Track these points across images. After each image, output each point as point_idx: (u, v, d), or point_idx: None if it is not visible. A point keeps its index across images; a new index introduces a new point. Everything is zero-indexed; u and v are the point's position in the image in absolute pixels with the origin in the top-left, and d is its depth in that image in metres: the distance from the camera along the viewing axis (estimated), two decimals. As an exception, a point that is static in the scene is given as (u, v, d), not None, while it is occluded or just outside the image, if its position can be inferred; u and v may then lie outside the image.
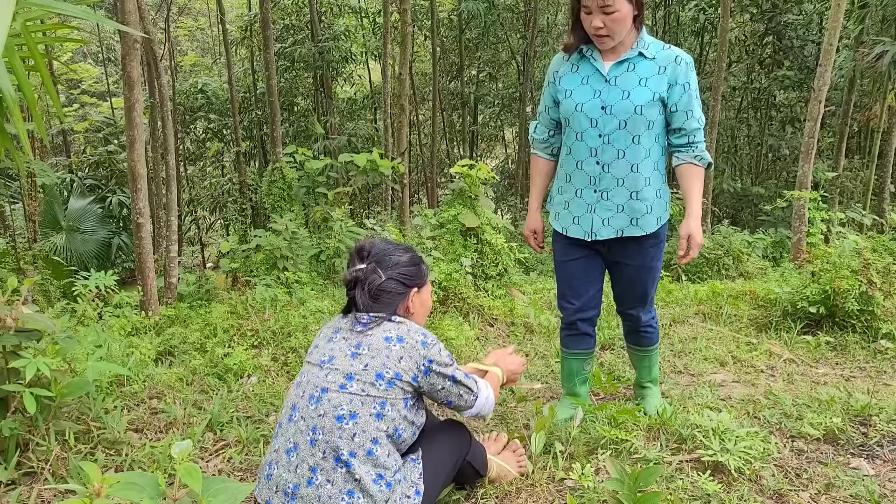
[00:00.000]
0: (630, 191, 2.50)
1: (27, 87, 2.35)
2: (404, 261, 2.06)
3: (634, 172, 2.48)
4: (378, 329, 1.96)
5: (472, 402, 2.08)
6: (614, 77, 2.45)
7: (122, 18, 4.71)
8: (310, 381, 1.93)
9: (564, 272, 2.73)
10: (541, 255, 9.64)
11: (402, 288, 2.03)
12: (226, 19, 14.73)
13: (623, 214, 2.52)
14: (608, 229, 2.55)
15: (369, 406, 1.85)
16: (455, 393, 2.03)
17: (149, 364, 3.48)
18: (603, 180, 2.51)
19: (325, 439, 1.82)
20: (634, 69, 2.44)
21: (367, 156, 6.24)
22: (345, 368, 1.90)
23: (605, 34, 2.37)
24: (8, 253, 8.11)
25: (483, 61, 18.74)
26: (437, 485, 2.01)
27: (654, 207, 2.54)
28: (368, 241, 2.10)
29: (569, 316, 2.76)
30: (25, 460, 2.33)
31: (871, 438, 2.63)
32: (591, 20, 2.37)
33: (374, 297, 1.99)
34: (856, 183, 13.06)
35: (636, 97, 2.42)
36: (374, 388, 1.87)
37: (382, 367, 1.89)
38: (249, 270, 5.67)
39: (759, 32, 14.72)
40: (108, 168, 15.01)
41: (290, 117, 16.52)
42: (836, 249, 4.48)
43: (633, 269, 2.63)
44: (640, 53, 2.44)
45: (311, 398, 1.89)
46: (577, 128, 2.52)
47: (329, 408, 1.85)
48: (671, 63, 2.43)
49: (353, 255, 2.07)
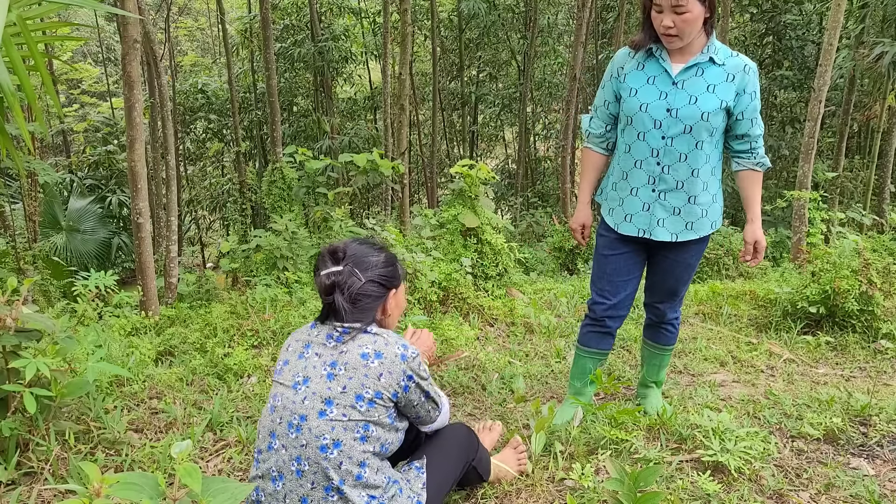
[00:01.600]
0: (688, 195, 2.49)
1: (28, 85, 2.35)
2: (381, 261, 1.93)
3: (694, 177, 2.46)
4: (353, 344, 1.84)
5: (436, 416, 2.02)
6: (682, 81, 2.41)
7: (122, 18, 4.71)
8: (286, 407, 1.82)
9: (607, 266, 2.69)
10: (541, 255, 9.65)
11: (381, 290, 1.92)
12: (226, 19, 14.73)
13: (679, 218, 2.52)
14: (664, 231, 2.54)
15: (352, 431, 1.78)
16: (425, 408, 1.96)
17: (149, 364, 3.48)
18: (662, 181, 2.49)
19: (312, 470, 1.76)
20: (703, 74, 2.41)
21: (367, 156, 6.24)
22: (322, 392, 1.79)
23: (675, 34, 2.33)
24: (8, 253, 8.11)
25: (483, 61, 18.74)
26: (443, 492, 1.99)
27: (710, 212, 2.54)
28: (341, 242, 1.96)
29: (601, 311, 2.72)
30: (25, 460, 2.33)
31: (871, 438, 2.63)
32: (661, 19, 2.32)
33: (354, 301, 1.86)
34: (856, 183, 13.05)
35: (704, 103, 2.39)
36: (355, 411, 1.78)
37: (362, 388, 1.79)
38: (249, 270, 5.68)
39: (758, 32, 14.72)
40: (107, 168, 15.01)
41: (290, 117, 16.53)
42: (836, 249, 4.48)
43: (670, 262, 2.64)
44: (710, 59, 2.41)
45: (290, 426, 1.80)
46: (639, 127, 2.48)
47: (311, 437, 1.77)
48: (740, 72, 2.40)
49: (324, 256, 1.91)
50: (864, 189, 11.86)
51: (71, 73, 18.05)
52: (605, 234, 2.70)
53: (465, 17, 15.83)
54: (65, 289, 8.05)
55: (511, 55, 18.22)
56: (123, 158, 14.24)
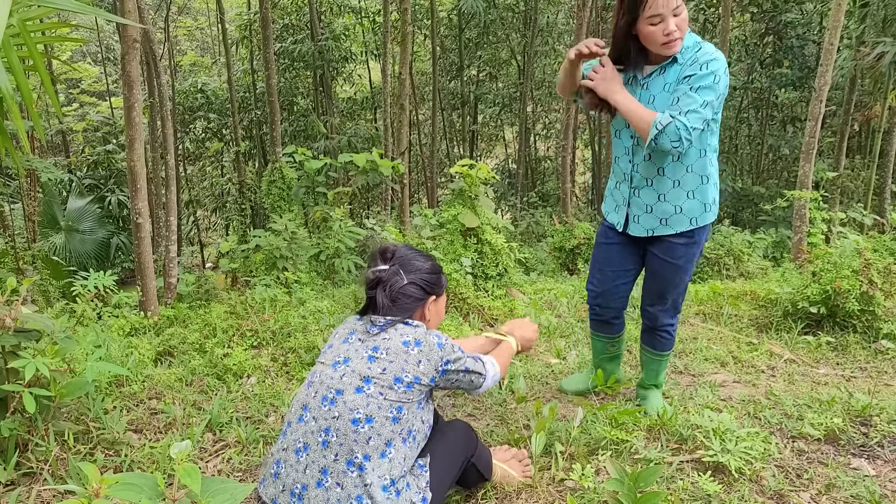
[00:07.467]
0: (657, 192, 2.52)
1: (26, 86, 2.34)
2: (427, 267, 2.08)
3: (661, 175, 2.50)
4: (394, 332, 1.96)
5: (481, 382, 2.13)
6: (647, 82, 2.45)
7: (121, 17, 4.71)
8: (322, 382, 1.92)
9: (598, 255, 2.80)
10: (541, 255, 9.63)
11: (421, 293, 2.05)
12: (225, 18, 14.72)
13: (652, 215, 2.57)
14: (639, 227, 2.62)
15: (386, 410, 1.85)
16: (466, 381, 2.08)
17: (148, 364, 3.47)
18: (634, 179, 2.57)
19: (339, 441, 1.81)
20: (664, 73, 2.42)
21: (367, 156, 6.24)
22: (361, 371, 1.89)
23: (679, 36, 2.32)
24: (7, 253, 8.10)
25: (483, 61, 18.74)
26: (444, 488, 2.00)
27: (686, 209, 2.52)
28: (392, 244, 2.11)
29: (590, 298, 2.88)
30: (25, 461, 2.32)
31: (871, 439, 2.62)
32: (663, 28, 2.29)
33: (394, 299, 2.00)
34: (856, 183, 13.05)
35: (660, 103, 2.41)
36: (392, 391, 1.86)
37: (401, 372, 1.89)
38: (249, 270, 5.67)
39: (759, 32, 14.73)
40: (107, 168, 15.00)
41: (290, 117, 16.52)
42: (837, 249, 4.47)
43: (659, 262, 2.64)
44: (674, 58, 2.39)
45: (324, 399, 1.87)
46: (616, 125, 2.58)
47: (344, 410, 1.83)
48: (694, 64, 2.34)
49: (376, 255, 2.09)
50: (864, 189, 11.86)
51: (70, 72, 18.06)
52: (603, 224, 2.80)
53: (465, 17, 15.83)
54: (64, 289, 8.04)
55: (511, 54, 18.22)
56: (123, 158, 14.24)
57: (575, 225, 9.56)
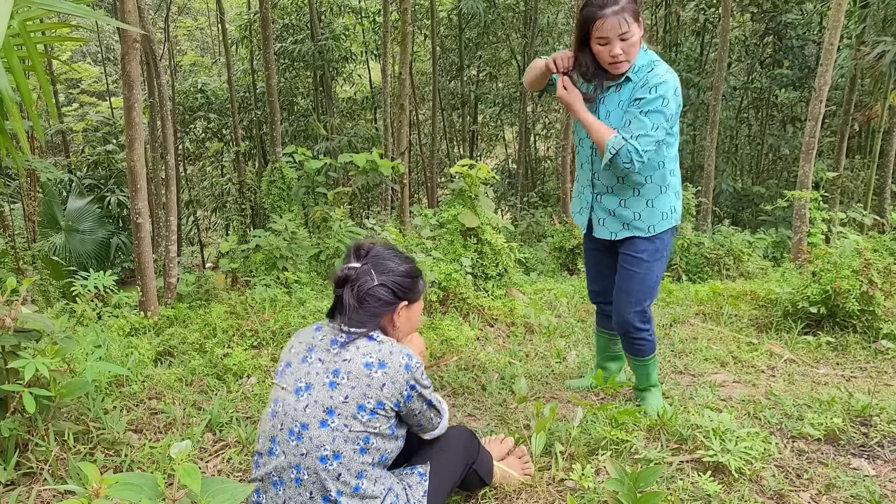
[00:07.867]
0: (619, 198, 2.65)
1: (25, 86, 2.34)
2: (402, 270, 1.92)
3: (621, 183, 2.61)
4: (356, 351, 1.82)
5: (437, 423, 2.00)
6: (603, 97, 2.56)
7: (121, 18, 4.71)
8: (287, 413, 1.82)
9: (587, 258, 3.01)
10: (541, 255, 9.63)
11: (391, 297, 1.89)
12: (225, 18, 14.73)
13: (615, 219, 2.68)
14: (604, 230, 2.73)
15: (353, 443, 1.77)
16: (427, 416, 1.94)
17: (148, 364, 3.47)
18: (597, 185, 2.70)
19: (311, 479, 1.77)
20: (619, 90, 2.52)
21: (367, 156, 6.23)
22: (324, 401, 1.78)
23: (624, 59, 2.43)
24: (7, 253, 8.10)
25: (483, 61, 18.75)
26: (443, 496, 1.99)
27: (645, 216, 2.62)
28: (369, 241, 1.97)
29: (592, 297, 3.07)
30: (25, 461, 2.32)
31: (871, 439, 2.62)
32: (609, 49, 2.41)
33: (361, 300, 1.85)
34: (856, 183, 13.06)
35: (614, 120, 2.52)
36: (356, 421, 1.77)
37: (363, 398, 1.78)
38: (249, 270, 5.67)
39: (759, 32, 14.73)
40: (106, 168, 15.00)
41: (290, 117, 16.53)
42: (837, 249, 4.47)
43: (624, 257, 2.71)
44: (628, 77, 2.49)
45: (290, 433, 1.80)
46: (579, 134, 2.71)
47: (311, 447, 1.76)
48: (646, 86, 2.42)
49: (350, 251, 1.95)
50: (864, 189, 11.87)
51: (70, 72, 18.05)
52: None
53: (465, 17, 15.83)
54: (64, 289, 8.04)
55: (511, 54, 18.22)
56: (122, 158, 14.23)
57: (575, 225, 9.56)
